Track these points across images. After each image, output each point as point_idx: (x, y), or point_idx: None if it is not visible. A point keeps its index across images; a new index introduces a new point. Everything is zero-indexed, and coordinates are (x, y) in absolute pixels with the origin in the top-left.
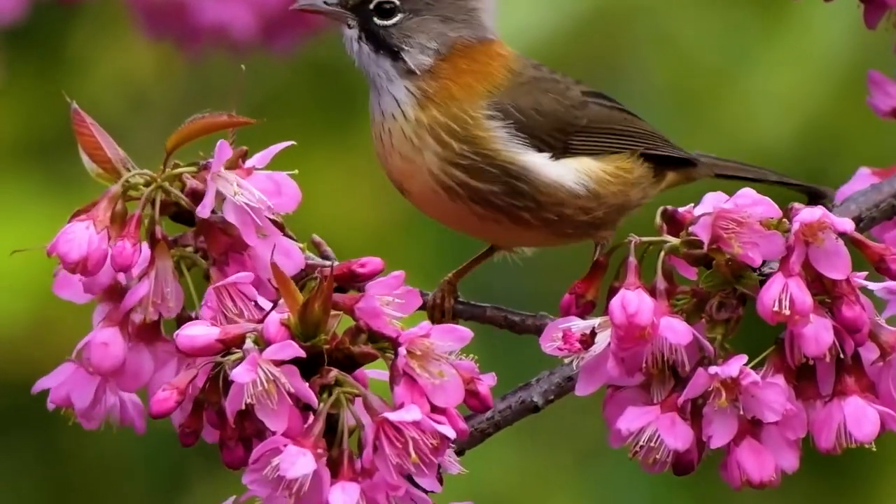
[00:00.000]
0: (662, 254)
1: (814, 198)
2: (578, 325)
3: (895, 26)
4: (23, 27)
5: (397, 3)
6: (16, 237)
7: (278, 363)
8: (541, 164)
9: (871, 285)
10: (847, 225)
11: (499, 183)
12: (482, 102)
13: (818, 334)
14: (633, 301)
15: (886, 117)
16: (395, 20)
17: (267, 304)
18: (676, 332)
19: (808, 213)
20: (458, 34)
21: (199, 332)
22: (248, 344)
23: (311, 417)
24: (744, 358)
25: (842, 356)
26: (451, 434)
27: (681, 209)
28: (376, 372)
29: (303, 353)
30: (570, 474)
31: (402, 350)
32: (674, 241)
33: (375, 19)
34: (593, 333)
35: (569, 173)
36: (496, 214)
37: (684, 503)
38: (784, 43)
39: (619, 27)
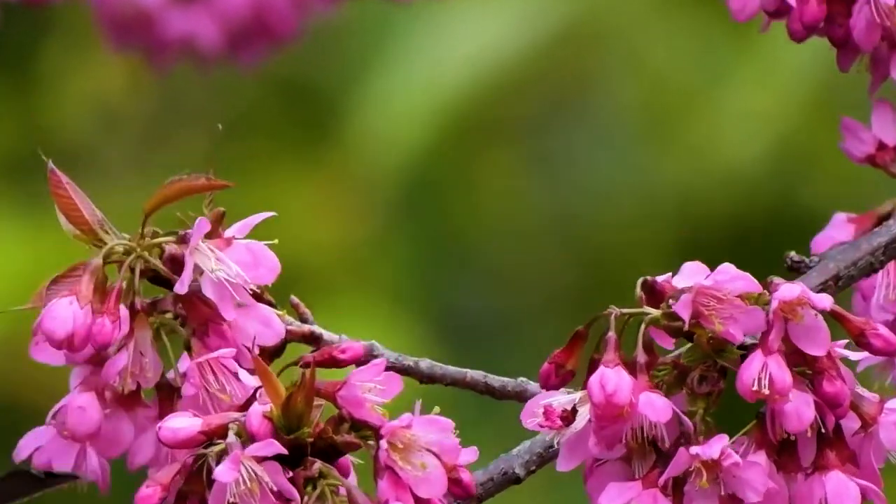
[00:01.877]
0: (643, 327)
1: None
2: (560, 401)
3: (867, 69)
4: None
5: None
6: None
7: (261, 459)
8: None
9: (853, 355)
10: (825, 302)
11: None
12: None
13: (799, 410)
14: (612, 380)
15: (861, 163)
16: None
17: (248, 378)
18: (656, 409)
19: (788, 290)
20: None
21: (181, 424)
22: (231, 437)
23: None
24: (725, 438)
25: (823, 430)
26: None
27: (659, 279)
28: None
29: (285, 451)
30: None
31: (384, 443)
32: (654, 312)
33: None
34: (574, 410)
35: None
36: None
37: None
38: (755, 62)
39: (589, 46)
